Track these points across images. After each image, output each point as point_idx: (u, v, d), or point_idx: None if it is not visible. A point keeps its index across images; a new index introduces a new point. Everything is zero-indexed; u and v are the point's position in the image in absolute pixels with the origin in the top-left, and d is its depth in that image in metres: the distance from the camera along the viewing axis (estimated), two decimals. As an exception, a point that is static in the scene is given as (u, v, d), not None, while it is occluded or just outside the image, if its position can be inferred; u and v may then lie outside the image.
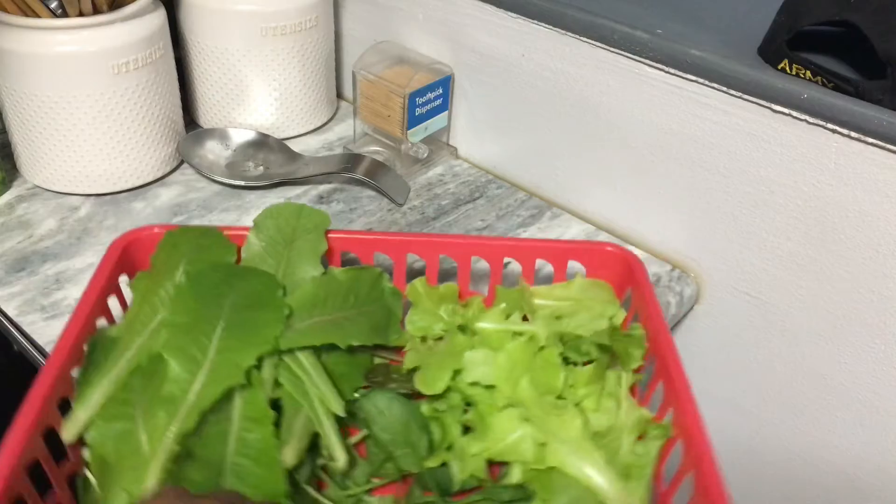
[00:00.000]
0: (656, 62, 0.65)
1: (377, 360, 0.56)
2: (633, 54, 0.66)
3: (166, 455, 0.45)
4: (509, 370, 0.51)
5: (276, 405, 0.50)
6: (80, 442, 0.47)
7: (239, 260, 0.58)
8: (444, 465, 0.50)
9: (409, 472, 0.51)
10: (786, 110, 0.59)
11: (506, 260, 0.61)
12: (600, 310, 0.57)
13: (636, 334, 0.54)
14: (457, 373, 0.51)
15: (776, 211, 0.63)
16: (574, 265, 0.60)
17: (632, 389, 0.52)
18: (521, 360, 0.52)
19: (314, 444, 0.50)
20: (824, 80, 0.58)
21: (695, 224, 0.69)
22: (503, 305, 0.57)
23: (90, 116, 0.71)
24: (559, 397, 0.51)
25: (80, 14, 0.69)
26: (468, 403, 0.52)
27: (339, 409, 0.49)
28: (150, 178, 0.79)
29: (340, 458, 0.49)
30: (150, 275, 0.55)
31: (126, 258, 0.57)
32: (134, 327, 0.52)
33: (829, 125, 0.57)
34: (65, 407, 0.48)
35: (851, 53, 0.61)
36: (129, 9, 0.71)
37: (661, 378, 0.50)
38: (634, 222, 0.74)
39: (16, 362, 0.53)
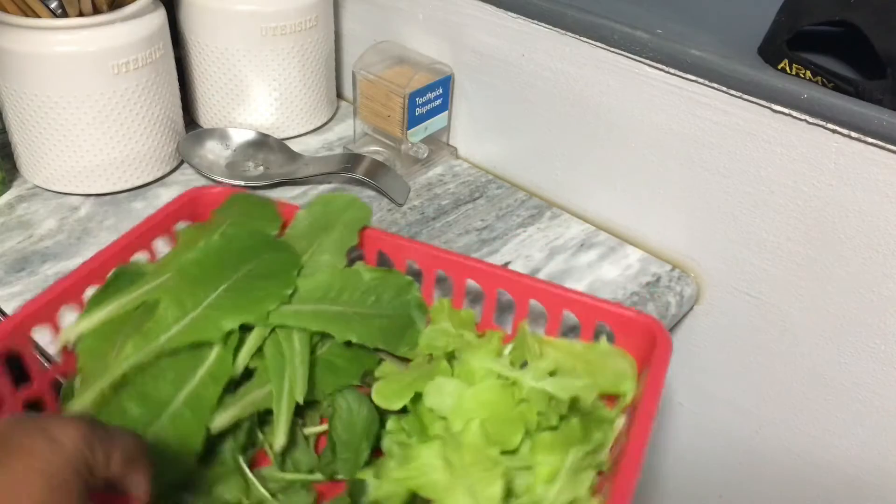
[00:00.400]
0: (656, 62, 0.65)
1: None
2: (633, 54, 0.66)
3: (109, 381, 0.47)
4: (469, 408, 0.49)
5: (250, 373, 0.52)
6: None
7: (282, 234, 0.60)
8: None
9: (342, 477, 0.51)
10: (786, 110, 0.59)
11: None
12: (611, 381, 0.52)
13: (602, 415, 0.50)
14: (420, 395, 0.51)
15: (776, 211, 0.63)
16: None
17: (600, 473, 0.49)
18: (487, 403, 0.50)
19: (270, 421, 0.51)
20: (824, 80, 0.58)
21: (695, 224, 0.69)
22: (508, 346, 0.55)
23: (90, 116, 0.72)
24: (507, 452, 0.48)
25: (80, 14, 0.69)
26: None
27: (299, 396, 0.50)
28: (150, 178, 0.79)
29: (278, 440, 0.49)
30: (201, 226, 0.59)
31: (188, 210, 0.61)
32: (162, 269, 0.54)
33: (829, 125, 0.57)
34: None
35: (851, 53, 0.61)
36: (129, 9, 0.71)
37: (613, 473, 0.45)
38: (634, 222, 0.74)
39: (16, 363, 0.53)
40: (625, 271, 0.71)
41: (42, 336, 0.51)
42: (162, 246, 0.59)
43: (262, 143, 0.83)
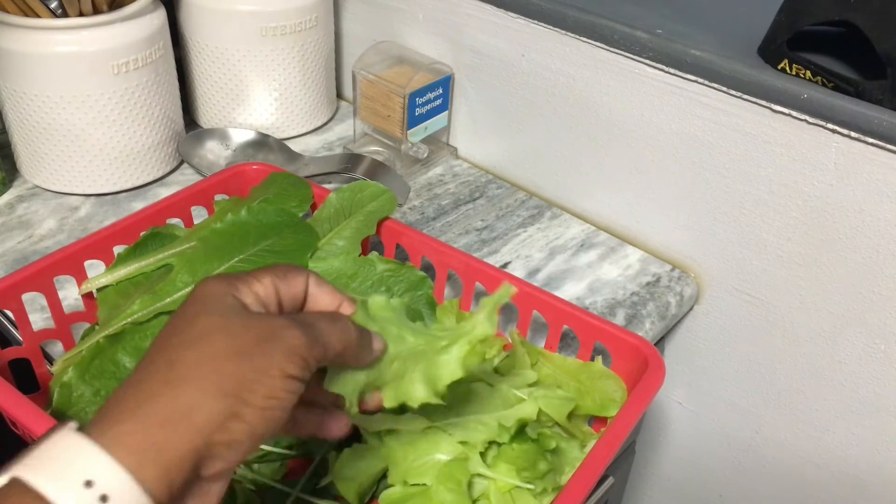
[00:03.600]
0: (656, 62, 0.65)
1: None
2: (633, 54, 0.66)
3: (105, 332, 0.50)
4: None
5: None
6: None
7: (311, 216, 0.62)
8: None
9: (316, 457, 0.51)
10: (786, 110, 0.59)
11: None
12: (598, 403, 0.52)
13: (568, 435, 0.50)
14: None
15: (776, 211, 0.63)
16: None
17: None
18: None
19: None
20: (824, 80, 0.58)
21: (695, 224, 0.69)
22: (503, 354, 0.55)
23: (90, 116, 0.71)
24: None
25: (80, 14, 0.69)
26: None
27: None
28: (150, 178, 0.79)
29: None
30: (237, 201, 0.62)
31: (232, 183, 0.65)
32: (190, 236, 0.57)
33: (829, 125, 0.57)
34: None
35: (851, 53, 0.61)
36: (129, 9, 0.71)
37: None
38: (634, 222, 0.74)
39: (16, 363, 0.53)
40: (625, 271, 0.71)
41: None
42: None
43: (262, 143, 0.83)
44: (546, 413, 0.50)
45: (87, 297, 0.57)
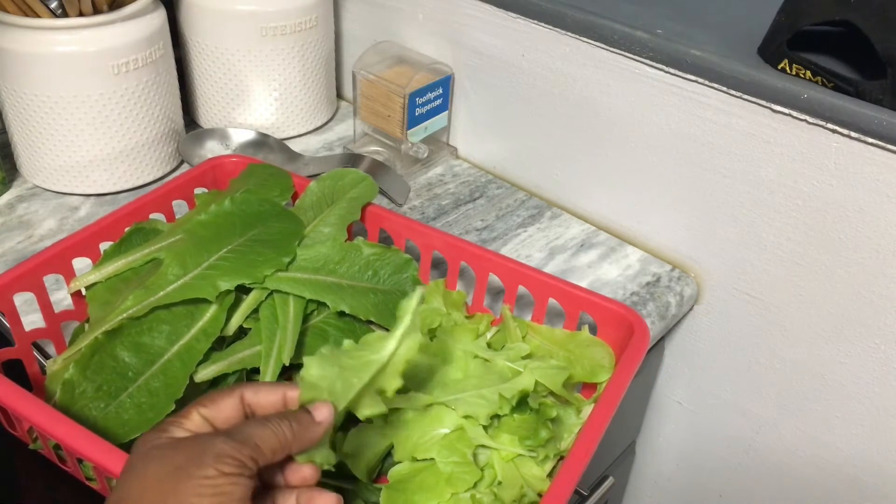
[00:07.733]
0: (656, 62, 0.65)
1: None
2: (633, 54, 0.66)
3: (102, 328, 0.50)
4: (445, 383, 0.51)
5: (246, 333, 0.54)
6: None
7: (293, 205, 0.62)
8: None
9: None
10: (786, 110, 0.59)
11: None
12: (588, 370, 0.53)
13: (565, 413, 0.51)
14: None
15: (776, 211, 0.63)
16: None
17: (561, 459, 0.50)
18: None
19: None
20: (824, 80, 0.58)
21: (695, 224, 0.69)
22: (493, 329, 0.56)
23: (90, 116, 0.72)
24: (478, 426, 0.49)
25: (80, 14, 0.69)
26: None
27: (286, 357, 0.52)
28: (150, 178, 0.79)
29: None
30: (217, 193, 0.62)
31: (209, 177, 0.65)
32: (174, 229, 0.57)
33: (829, 125, 0.57)
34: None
35: (851, 53, 0.61)
36: (129, 9, 0.71)
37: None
38: (634, 222, 0.74)
39: (16, 363, 0.54)
40: (625, 271, 0.71)
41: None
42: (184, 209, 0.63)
43: (262, 143, 0.83)
44: (542, 383, 0.51)
45: (76, 295, 0.57)
